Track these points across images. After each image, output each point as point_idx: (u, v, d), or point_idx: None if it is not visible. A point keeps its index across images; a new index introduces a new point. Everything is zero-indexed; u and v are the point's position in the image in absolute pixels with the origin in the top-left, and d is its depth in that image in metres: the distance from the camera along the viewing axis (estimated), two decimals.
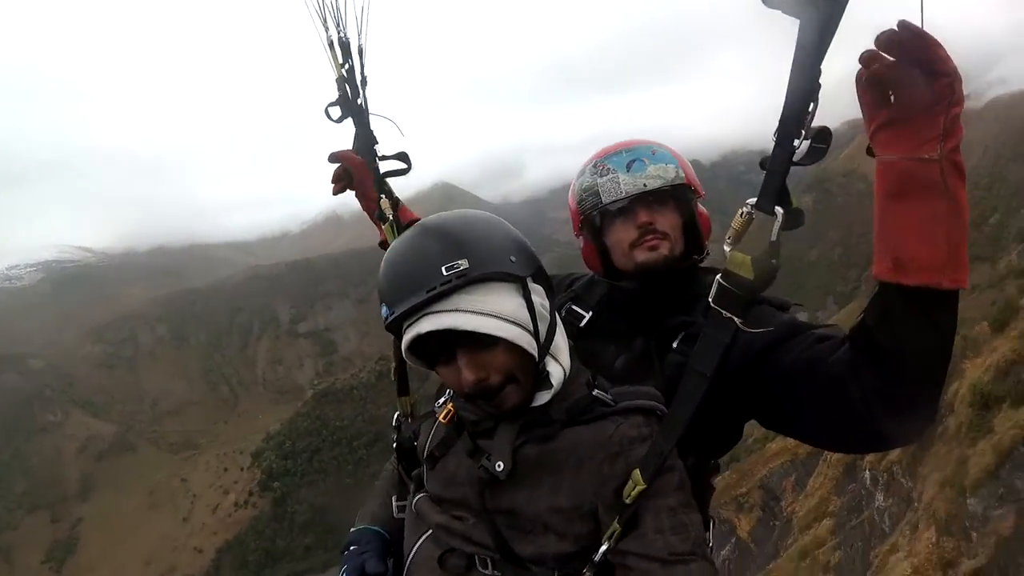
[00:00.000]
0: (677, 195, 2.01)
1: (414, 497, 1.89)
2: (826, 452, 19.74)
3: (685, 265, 2.03)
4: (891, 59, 1.19)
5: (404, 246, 1.61)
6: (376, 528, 2.05)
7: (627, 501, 1.53)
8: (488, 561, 1.68)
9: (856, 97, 1.26)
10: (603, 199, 2.03)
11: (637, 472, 1.54)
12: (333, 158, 2.27)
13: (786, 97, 1.26)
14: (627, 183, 1.99)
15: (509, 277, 1.58)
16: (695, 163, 1.97)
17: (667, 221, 2.00)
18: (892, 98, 1.23)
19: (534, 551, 1.64)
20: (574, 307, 2.11)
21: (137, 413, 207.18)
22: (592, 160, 2.09)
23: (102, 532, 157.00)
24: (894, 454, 15.82)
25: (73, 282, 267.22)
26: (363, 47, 2.13)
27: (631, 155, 2.01)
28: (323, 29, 2.11)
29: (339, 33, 2.10)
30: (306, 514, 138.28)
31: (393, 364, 2.13)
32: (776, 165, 1.35)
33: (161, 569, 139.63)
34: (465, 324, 1.52)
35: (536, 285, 1.66)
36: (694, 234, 2.04)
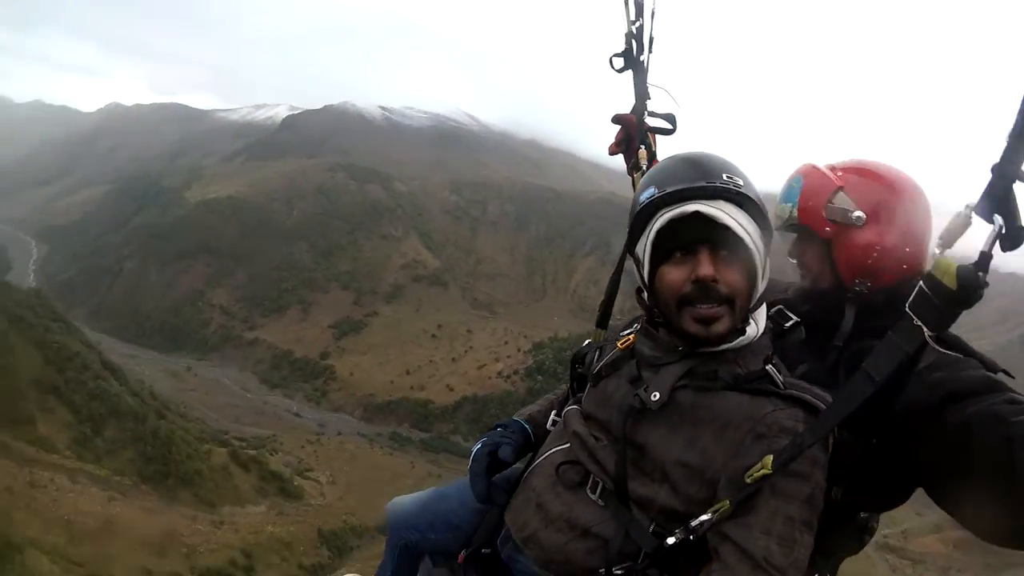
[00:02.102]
0: (801, 231, 2.00)
1: (567, 407, 1.96)
2: None
3: (835, 296, 1.98)
4: None
5: (688, 152, 1.73)
6: (526, 425, 2.12)
7: (747, 480, 1.49)
8: (599, 486, 1.72)
9: None
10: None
11: (769, 458, 1.49)
12: (616, 119, 2.28)
13: None
14: (782, 219, 2.08)
15: (765, 222, 1.67)
16: None
17: (802, 254, 2.02)
18: None
19: (644, 494, 1.65)
20: (784, 309, 1.97)
21: (460, 262, 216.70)
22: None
23: (386, 331, 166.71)
24: None
25: (451, 138, 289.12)
26: (655, 11, 2.14)
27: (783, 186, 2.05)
28: None
29: None
30: None
31: (603, 297, 2.15)
32: (1006, 168, 1.20)
33: (412, 383, 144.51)
34: (731, 223, 1.61)
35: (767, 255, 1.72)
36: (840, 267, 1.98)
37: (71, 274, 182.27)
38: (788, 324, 1.89)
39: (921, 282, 1.40)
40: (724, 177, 1.63)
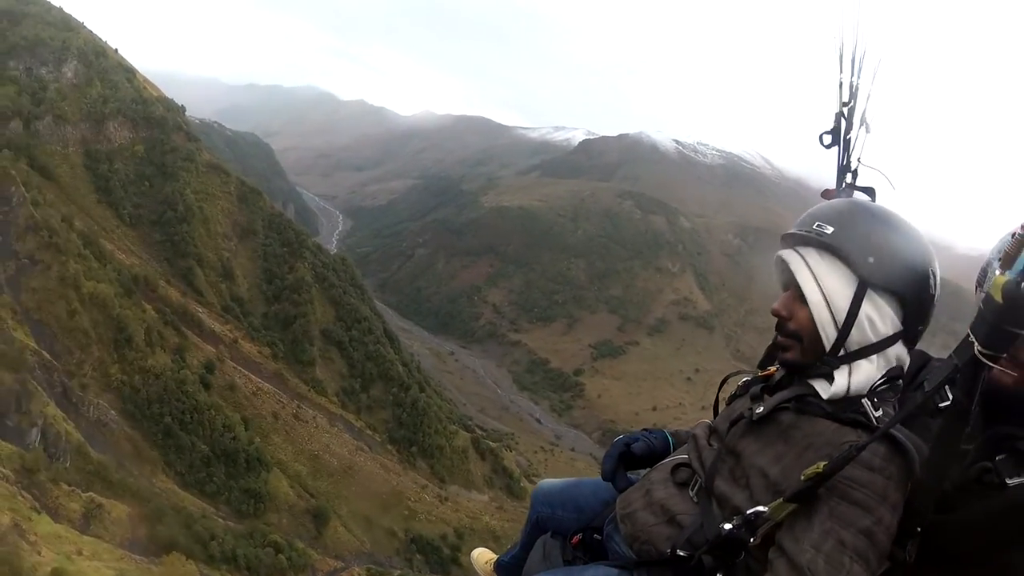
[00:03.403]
0: None
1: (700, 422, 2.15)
2: None
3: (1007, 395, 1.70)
4: None
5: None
6: (670, 437, 2.31)
7: (802, 478, 1.56)
8: (697, 484, 1.89)
9: None
10: (985, 286, 1.78)
11: (824, 463, 1.55)
12: (825, 195, 2.32)
13: None
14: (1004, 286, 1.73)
15: (851, 266, 1.70)
16: None
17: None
18: None
19: (724, 491, 1.79)
20: (947, 388, 1.81)
21: (732, 309, 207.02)
22: (1011, 232, 1.76)
23: (642, 363, 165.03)
24: None
25: (742, 179, 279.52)
26: (870, 95, 2.20)
27: None
28: (837, 68, 2.22)
29: (852, 76, 2.20)
30: None
31: (771, 342, 2.15)
32: None
33: (656, 420, 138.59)
34: (795, 269, 1.76)
35: (881, 301, 1.72)
36: None
37: (368, 249, 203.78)
38: (940, 404, 1.89)
39: (980, 300, 1.40)
40: (814, 226, 1.74)
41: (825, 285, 1.71)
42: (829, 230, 1.72)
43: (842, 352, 1.72)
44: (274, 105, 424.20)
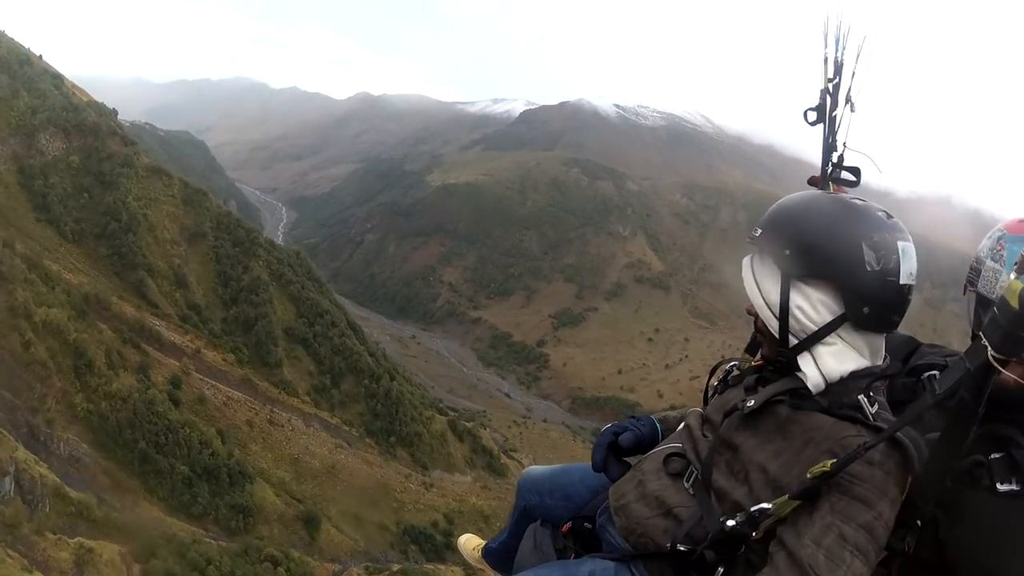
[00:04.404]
0: None
1: (691, 410, 2.16)
2: None
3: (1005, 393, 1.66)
4: None
5: None
6: (657, 424, 2.28)
7: (808, 476, 1.57)
8: (693, 475, 1.90)
9: None
10: (979, 286, 1.80)
11: (831, 461, 1.56)
12: (810, 181, 2.33)
13: None
14: (1002, 288, 1.66)
15: (776, 262, 1.77)
16: None
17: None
18: None
19: (723, 486, 1.79)
20: (936, 378, 1.82)
21: (685, 267, 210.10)
22: (1002, 229, 1.79)
23: (603, 328, 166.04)
24: None
25: (685, 139, 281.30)
26: (855, 72, 2.16)
27: None
28: (823, 43, 2.21)
29: (836, 52, 2.18)
30: None
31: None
32: None
33: (622, 383, 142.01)
34: (743, 273, 1.86)
35: (809, 289, 1.74)
36: None
37: (316, 240, 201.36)
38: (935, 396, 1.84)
39: (995, 306, 1.40)
40: (753, 231, 1.84)
41: (761, 284, 1.79)
42: (759, 232, 1.81)
43: (794, 343, 1.76)
44: (205, 100, 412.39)
